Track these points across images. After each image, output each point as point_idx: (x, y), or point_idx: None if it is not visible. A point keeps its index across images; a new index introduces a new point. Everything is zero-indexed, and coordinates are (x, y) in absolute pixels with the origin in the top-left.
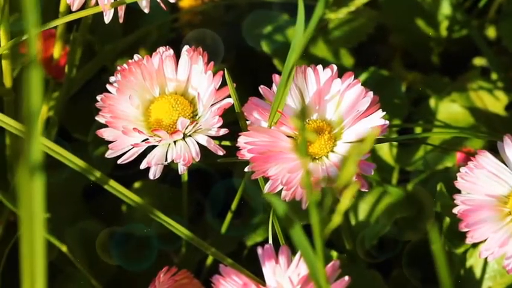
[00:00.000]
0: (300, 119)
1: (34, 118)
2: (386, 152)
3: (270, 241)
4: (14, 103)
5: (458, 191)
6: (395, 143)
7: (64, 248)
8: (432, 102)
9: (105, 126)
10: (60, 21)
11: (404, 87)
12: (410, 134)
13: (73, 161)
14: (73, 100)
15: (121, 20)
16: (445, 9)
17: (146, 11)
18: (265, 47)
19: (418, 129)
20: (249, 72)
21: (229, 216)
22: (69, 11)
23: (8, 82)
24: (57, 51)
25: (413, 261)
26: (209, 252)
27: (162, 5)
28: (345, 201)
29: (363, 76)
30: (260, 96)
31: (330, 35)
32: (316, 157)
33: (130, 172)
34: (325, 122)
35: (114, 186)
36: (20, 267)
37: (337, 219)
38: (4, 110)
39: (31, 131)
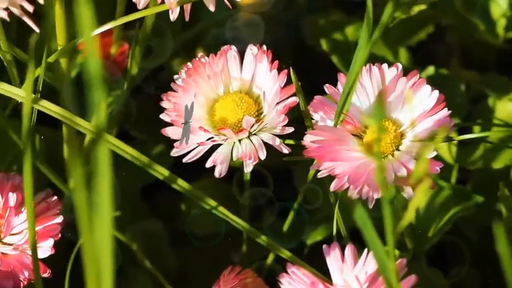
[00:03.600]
0: (376, 118)
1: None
2: (446, 150)
3: (335, 239)
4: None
5: None
6: (454, 142)
7: (134, 246)
8: (491, 101)
9: (169, 124)
10: (126, 19)
11: (463, 86)
12: (469, 132)
13: (139, 158)
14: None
15: (187, 18)
16: (502, 7)
17: (212, 8)
18: (324, 45)
19: (476, 128)
20: (307, 70)
21: (291, 214)
22: (127, 8)
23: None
24: (114, 48)
25: (473, 260)
26: (273, 249)
27: (226, 2)
28: (417, 199)
29: (422, 75)
30: (321, 94)
31: (389, 34)
32: (382, 155)
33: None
34: (391, 121)
35: (181, 185)
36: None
37: (409, 217)
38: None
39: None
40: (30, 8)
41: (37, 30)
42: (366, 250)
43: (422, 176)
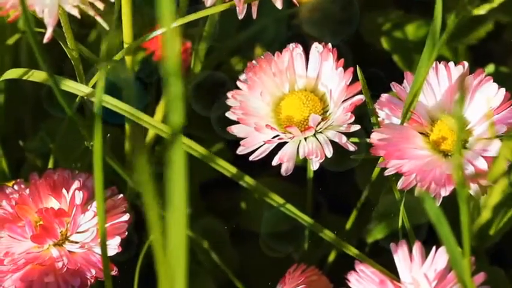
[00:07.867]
0: (455, 115)
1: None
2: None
3: (400, 237)
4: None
5: None
6: None
7: (205, 244)
8: None
9: (236, 122)
10: (192, 18)
11: None
12: None
13: (206, 156)
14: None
15: (254, 15)
16: None
17: (279, 6)
18: (385, 43)
19: None
20: (365, 67)
21: (354, 213)
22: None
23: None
24: None
25: None
26: (340, 247)
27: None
28: (495, 197)
29: None
30: (384, 92)
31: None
32: (449, 154)
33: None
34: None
35: (248, 182)
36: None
37: (486, 215)
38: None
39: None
40: (101, 6)
41: (107, 27)
42: (434, 248)
43: (499, 175)
